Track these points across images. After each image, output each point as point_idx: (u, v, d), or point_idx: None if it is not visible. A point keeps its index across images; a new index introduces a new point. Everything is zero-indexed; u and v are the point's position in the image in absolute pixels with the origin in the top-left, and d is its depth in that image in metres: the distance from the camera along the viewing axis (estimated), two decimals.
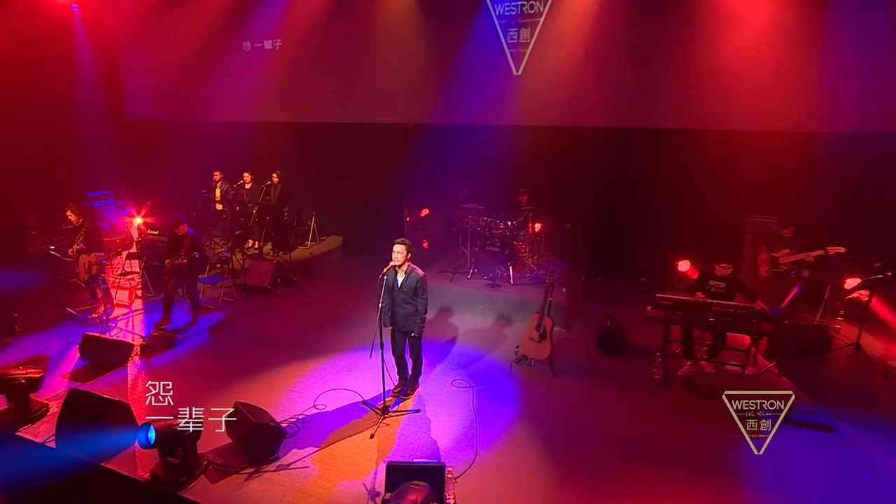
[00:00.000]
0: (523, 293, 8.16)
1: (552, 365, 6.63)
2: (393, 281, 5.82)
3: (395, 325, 5.86)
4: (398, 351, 6.01)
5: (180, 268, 7.77)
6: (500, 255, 8.70)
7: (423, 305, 5.78)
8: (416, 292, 5.73)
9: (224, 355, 7.01)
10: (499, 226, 8.78)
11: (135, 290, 9.07)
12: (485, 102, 9.60)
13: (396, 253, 5.65)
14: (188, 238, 7.84)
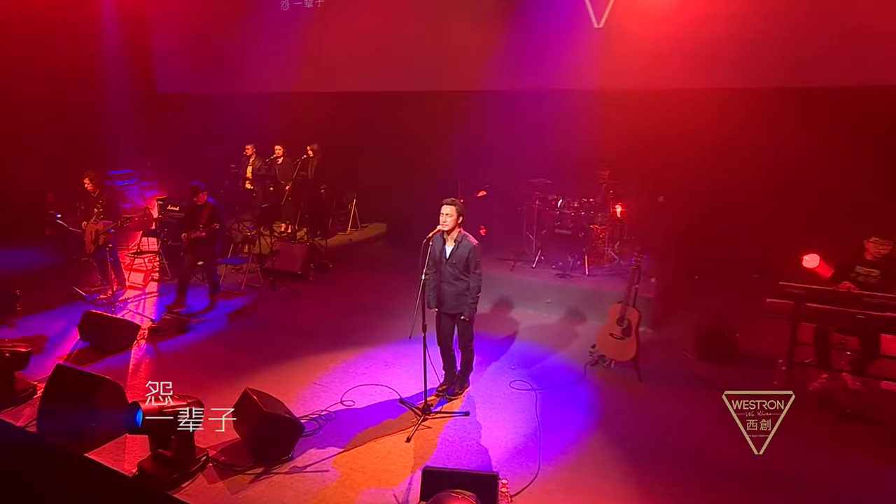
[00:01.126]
0: (600, 285, 7.75)
1: (637, 368, 6.19)
2: (440, 251, 5.42)
3: (442, 305, 5.50)
4: (445, 339, 5.64)
5: (198, 243, 7.73)
6: (573, 241, 8.34)
7: (477, 282, 5.38)
8: (469, 266, 5.35)
9: (242, 343, 6.94)
10: (572, 205, 8.39)
11: (151, 272, 9.08)
12: (557, 62, 9.14)
13: (444, 215, 5.27)
14: (208, 208, 7.74)
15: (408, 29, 10.28)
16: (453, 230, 5.34)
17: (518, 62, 9.45)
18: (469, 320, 5.48)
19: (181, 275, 7.93)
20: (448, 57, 9.94)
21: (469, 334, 5.60)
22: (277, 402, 5.17)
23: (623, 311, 6.24)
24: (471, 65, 9.73)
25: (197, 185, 7.79)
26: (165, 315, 7.62)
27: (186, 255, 7.90)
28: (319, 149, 10.54)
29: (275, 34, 11.44)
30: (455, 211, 5.29)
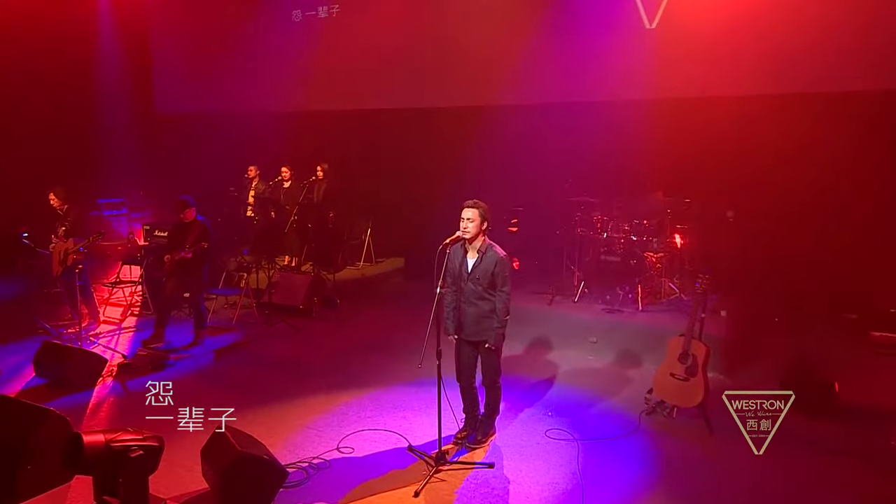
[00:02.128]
0: (657, 322, 7.52)
1: (707, 416, 5.68)
2: (460, 264, 5.13)
3: (462, 331, 5.21)
4: (466, 373, 5.30)
5: (183, 267, 7.50)
6: (623, 270, 8.12)
7: (505, 302, 5.07)
8: (495, 282, 5.06)
9: (226, 381, 6.80)
10: (621, 227, 8.20)
11: (131, 306, 8.94)
12: (602, 70, 9.02)
13: (466, 221, 4.99)
14: (197, 227, 7.57)
15: (430, 39, 10.33)
16: (476, 238, 5.05)
17: (555, 71, 9.39)
18: (496, 349, 5.17)
19: (161, 303, 7.74)
20: (474, 69, 9.93)
21: (496, 367, 5.26)
22: (258, 444, 4.79)
23: (686, 346, 5.76)
24: (500, 77, 9.71)
25: (185, 199, 7.64)
26: (140, 350, 7.44)
27: (169, 281, 7.70)
28: (330, 170, 10.44)
29: (284, 48, 11.57)
30: (479, 215, 5.00)
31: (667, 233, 8.12)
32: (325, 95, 11.28)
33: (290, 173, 10.59)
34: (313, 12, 11.36)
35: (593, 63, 9.06)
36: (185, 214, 7.61)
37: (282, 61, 11.58)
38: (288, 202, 10.44)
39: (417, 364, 4.82)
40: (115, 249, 9.88)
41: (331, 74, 11.17)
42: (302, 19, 11.48)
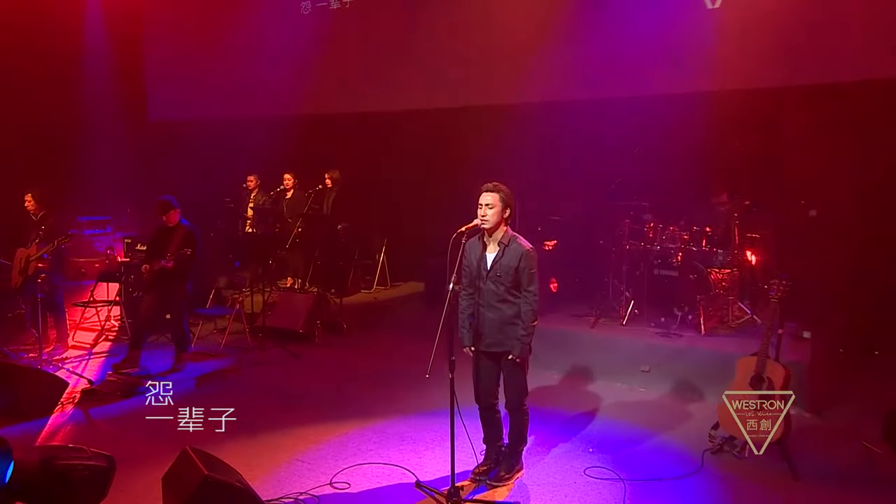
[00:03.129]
0: (723, 348, 7.22)
1: (789, 456, 5.39)
2: (478, 259, 4.95)
3: (480, 341, 5.01)
4: (486, 393, 5.09)
5: (163, 278, 7.42)
6: (682, 286, 7.90)
7: (532, 305, 4.90)
8: (520, 280, 4.89)
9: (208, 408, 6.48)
10: (679, 236, 8.01)
11: (106, 330, 8.90)
12: (654, 59, 8.81)
13: (484, 207, 4.86)
14: (180, 232, 7.55)
15: (453, 32, 10.27)
16: (497, 229, 4.89)
17: (596, 62, 9.26)
18: (521, 363, 4.96)
19: (137, 322, 7.70)
20: (502, 63, 9.86)
21: (521, 386, 5.04)
22: (230, 470, 4.54)
23: (761, 367, 5.45)
24: (533, 70, 9.60)
25: (167, 200, 7.61)
26: (110, 375, 7.32)
27: (147, 296, 7.63)
28: (340, 178, 10.37)
29: (291, 44, 11.49)
30: (500, 200, 4.85)
31: (734, 243, 7.89)
32: (335, 96, 11.24)
33: (294, 181, 10.54)
34: (324, 3, 11.35)
35: (642, 51, 8.89)
36: (168, 217, 7.57)
37: (288, 59, 11.49)
38: (291, 214, 10.39)
39: (425, 374, 4.67)
40: (92, 267, 9.91)
41: (342, 72, 11.14)
42: (311, 11, 11.47)
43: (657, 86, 8.85)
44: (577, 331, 7.91)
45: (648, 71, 8.89)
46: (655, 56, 8.82)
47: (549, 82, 9.60)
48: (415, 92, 10.69)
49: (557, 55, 9.43)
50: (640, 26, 8.87)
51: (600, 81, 9.25)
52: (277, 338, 8.56)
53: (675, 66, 8.73)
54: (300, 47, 11.40)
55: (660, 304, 8.00)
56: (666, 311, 7.91)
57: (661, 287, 7.97)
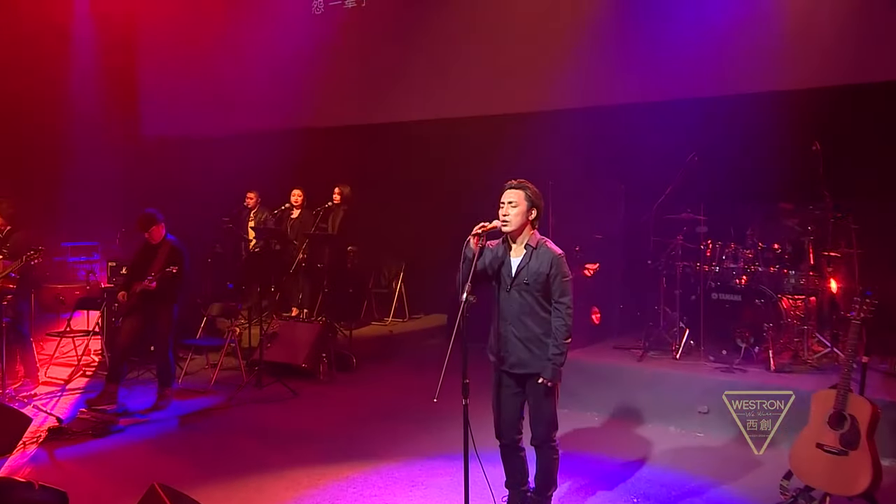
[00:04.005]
0: (797, 386, 6.89)
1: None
2: (500, 265, 4.82)
3: (504, 361, 4.86)
4: (509, 424, 4.93)
5: (147, 301, 7.41)
6: (746, 312, 7.68)
7: (565, 319, 4.72)
8: (551, 289, 4.73)
9: (190, 450, 6.76)
10: (742, 255, 7.87)
11: (83, 365, 8.88)
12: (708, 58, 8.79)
13: (507, 205, 4.77)
14: (165, 249, 7.57)
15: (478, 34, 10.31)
16: (521, 232, 4.77)
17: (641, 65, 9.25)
18: (552, 389, 4.76)
19: (115, 351, 7.67)
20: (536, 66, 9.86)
21: (550, 416, 4.84)
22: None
23: (841, 403, 5.20)
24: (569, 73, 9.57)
25: (151, 213, 7.64)
26: (82, 412, 7.32)
27: (127, 321, 7.61)
28: (351, 195, 10.38)
29: (299, 50, 11.56)
30: (525, 198, 4.76)
31: (809, 263, 7.70)
32: (345, 106, 11.35)
33: (303, 198, 10.66)
34: (338, 1, 11.45)
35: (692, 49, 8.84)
36: (151, 233, 7.58)
37: (294, 67, 11.58)
38: (297, 235, 10.48)
39: (432, 399, 4.52)
40: (72, 295, 9.86)
41: (353, 80, 11.23)
42: (324, 11, 11.58)
43: (712, 87, 8.87)
44: (622, 365, 7.81)
45: (700, 71, 8.91)
46: (707, 55, 8.82)
47: (587, 87, 9.66)
48: (436, 100, 10.75)
49: (595, 57, 9.51)
50: (687, 24, 8.87)
51: (645, 84, 9.29)
52: (277, 373, 8.54)
53: (732, 65, 8.73)
54: (308, 54, 11.55)
55: (720, 335, 7.81)
56: (727, 342, 7.70)
57: (720, 315, 7.79)
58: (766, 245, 7.81)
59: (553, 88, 9.78)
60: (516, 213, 4.69)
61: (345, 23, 11.40)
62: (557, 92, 9.77)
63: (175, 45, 12.85)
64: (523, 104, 10.04)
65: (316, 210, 10.36)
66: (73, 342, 9.05)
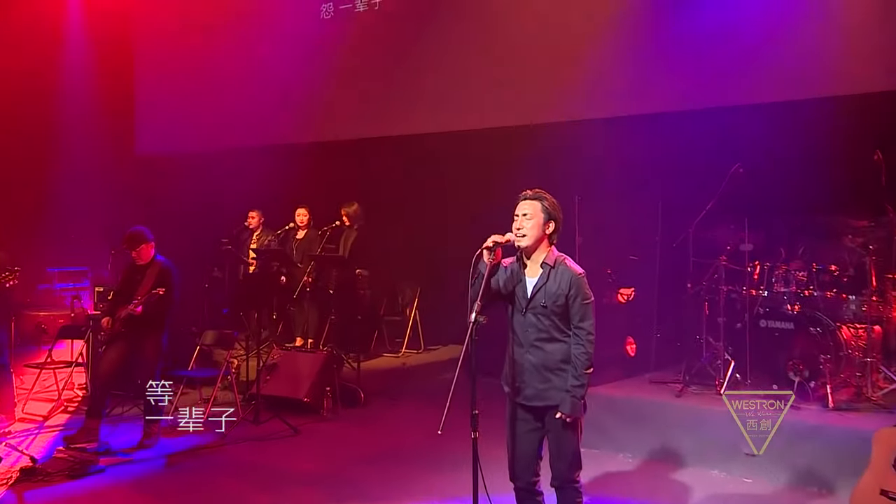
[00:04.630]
0: (859, 426, 6.86)
1: None
2: (515, 285, 4.78)
3: (519, 392, 4.81)
4: (524, 464, 4.85)
5: (132, 327, 7.42)
6: (800, 344, 7.57)
7: (585, 345, 4.66)
8: (571, 312, 4.67)
9: (176, 492, 6.77)
10: (795, 278, 7.76)
11: (66, 401, 8.84)
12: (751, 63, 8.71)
13: (521, 218, 4.77)
14: (154, 271, 7.60)
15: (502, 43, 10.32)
16: (537, 247, 4.76)
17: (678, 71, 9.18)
18: (572, 424, 4.70)
19: (97, 382, 7.66)
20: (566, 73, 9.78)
21: (572, 454, 4.76)
22: None
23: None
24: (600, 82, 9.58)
25: (139, 231, 7.65)
26: (60, 451, 7.28)
27: (110, 350, 7.58)
28: (360, 213, 10.40)
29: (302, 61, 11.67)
30: (541, 210, 4.75)
31: (872, 287, 7.54)
32: (356, 117, 11.35)
33: (309, 218, 10.71)
34: (349, 5, 11.48)
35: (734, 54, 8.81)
36: (140, 253, 7.57)
37: (299, 78, 11.68)
38: (302, 258, 10.49)
39: (437, 431, 4.52)
40: (55, 324, 9.86)
41: (366, 90, 11.21)
42: (333, 15, 11.61)
43: (760, 92, 8.79)
44: (659, 401, 7.69)
45: (747, 75, 8.83)
46: (755, 56, 8.77)
47: (619, 95, 9.65)
48: (453, 110, 10.69)
49: (627, 63, 9.51)
50: (731, 22, 8.88)
51: (684, 90, 9.23)
52: (276, 408, 8.54)
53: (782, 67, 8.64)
54: (315, 63, 11.62)
55: (769, 368, 7.67)
56: (778, 376, 7.54)
57: (770, 345, 7.64)
58: (822, 266, 7.65)
59: (581, 97, 9.78)
60: (532, 226, 4.68)
61: (355, 28, 11.41)
62: (586, 101, 9.78)
63: (172, 62, 13.00)
64: (549, 114, 10.01)
65: (322, 230, 10.36)
66: (55, 375, 8.98)
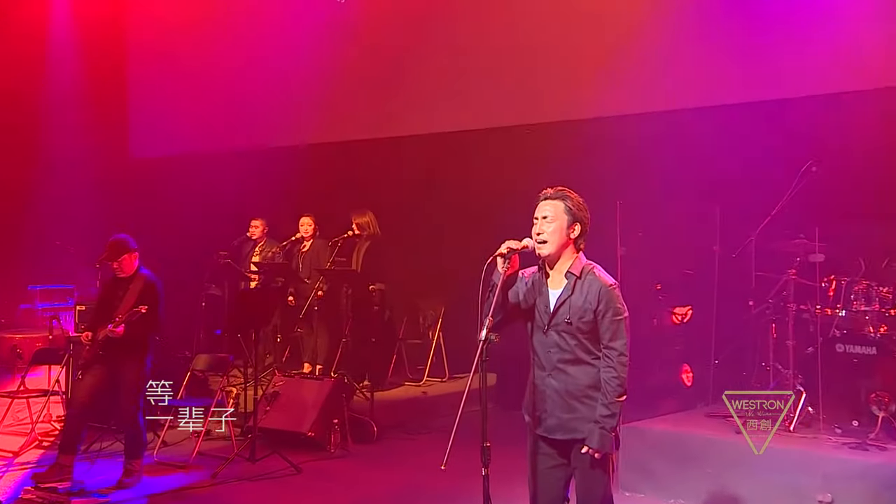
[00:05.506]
0: None
1: None
2: (537, 297, 4.71)
3: (541, 423, 4.75)
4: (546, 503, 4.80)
5: (111, 349, 7.39)
6: (885, 373, 7.47)
7: (617, 368, 4.59)
8: (600, 329, 4.62)
9: None
10: (878, 294, 7.64)
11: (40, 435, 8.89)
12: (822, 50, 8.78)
13: (542, 221, 4.69)
14: (138, 285, 7.60)
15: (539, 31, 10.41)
16: (560, 255, 4.66)
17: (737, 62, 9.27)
18: (601, 460, 4.61)
19: (71, 412, 7.69)
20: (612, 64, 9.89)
21: (602, 495, 4.69)
22: None
23: None
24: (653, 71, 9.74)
25: (121, 240, 7.61)
26: (27, 491, 7.33)
27: (87, 375, 7.57)
28: (374, 223, 10.44)
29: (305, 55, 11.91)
30: (563, 210, 4.65)
31: None
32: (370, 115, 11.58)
33: (315, 227, 10.75)
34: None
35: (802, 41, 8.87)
36: (122, 264, 7.52)
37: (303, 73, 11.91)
38: (309, 273, 10.54)
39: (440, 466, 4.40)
40: (33, 347, 9.92)
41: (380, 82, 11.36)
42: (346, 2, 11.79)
43: (836, 80, 8.82)
44: (717, 438, 7.44)
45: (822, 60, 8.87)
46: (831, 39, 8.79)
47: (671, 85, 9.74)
48: (483, 104, 10.86)
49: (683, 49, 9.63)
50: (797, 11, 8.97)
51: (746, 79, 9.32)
52: (276, 443, 8.50)
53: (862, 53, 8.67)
54: (323, 55, 11.84)
55: (848, 400, 7.49)
56: (859, 410, 7.36)
57: (849, 373, 7.46)
58: None
59: (627, 88, 9.89)
60: (554, 230, 4.56)
61: (369, 15, 11.58)
62: (632, 93, 9.90)
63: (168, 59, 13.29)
64: (587, 109, 10.07)
65: (332, 240, 10.37)
66: (28, 405, 9.00)
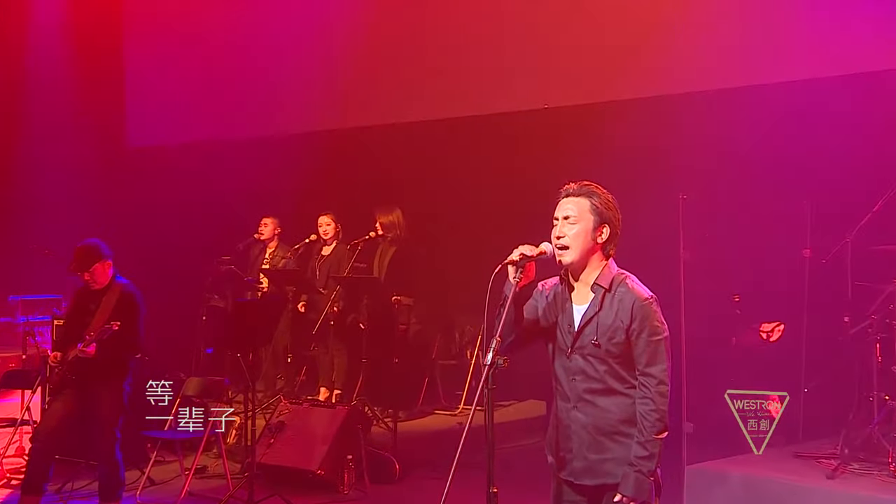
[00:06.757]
0: None
1: None
2: (559, 314, 4.69)
3: (566, 465, 4.67)
4: None
5: (83, 372, 7.42)
6: None
7: (656, 399, 4.49)
8: (635, 352, 4.53)
9: None
10: None
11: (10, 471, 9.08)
12: None
13: (562, 222, 4.60)
14: (113, 296, 7.64)
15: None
16: (585, 262, 4.60)
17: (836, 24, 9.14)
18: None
19: (35, 446, 7.65)
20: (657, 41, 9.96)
21: None
22: None
23: None
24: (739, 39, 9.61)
25: (93, 245, 7.63)
26: None
27: (56, 403, 7.67)
28: (401, 223, 10.57)
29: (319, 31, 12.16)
30: (589, 209, 4.58)
31: None
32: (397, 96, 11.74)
33: (336, 227, 10.89)
34: None
35: None
36: (93, 275, 7.54)
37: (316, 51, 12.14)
38: (325, 283, 10.66)
39: None
40: (5, 367, 10.14)
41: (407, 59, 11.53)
42: None
43: None
44: (805, 484, 7.34)
45: None
46: None
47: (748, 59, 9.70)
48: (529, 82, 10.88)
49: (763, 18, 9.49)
50: None
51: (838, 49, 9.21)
52: (279, 482, 8.50)
53: None
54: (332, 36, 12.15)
55: None
56: None
57: None
58: None
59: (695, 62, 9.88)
60: (576, 234, 4.45)
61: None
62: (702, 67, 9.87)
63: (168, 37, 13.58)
64: (649, 86, 10.06)
65: (352, 243, 10.40)
66: None
